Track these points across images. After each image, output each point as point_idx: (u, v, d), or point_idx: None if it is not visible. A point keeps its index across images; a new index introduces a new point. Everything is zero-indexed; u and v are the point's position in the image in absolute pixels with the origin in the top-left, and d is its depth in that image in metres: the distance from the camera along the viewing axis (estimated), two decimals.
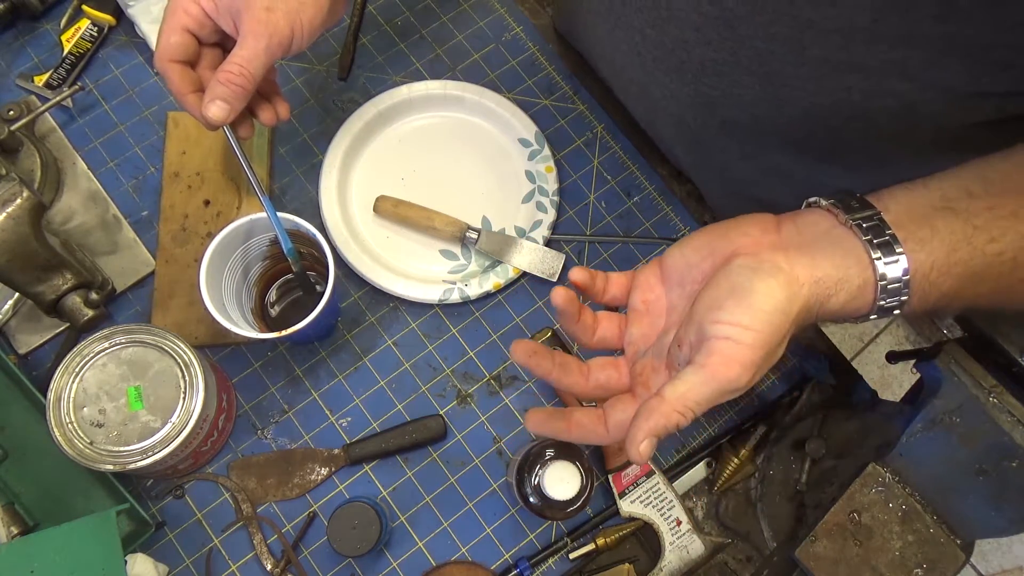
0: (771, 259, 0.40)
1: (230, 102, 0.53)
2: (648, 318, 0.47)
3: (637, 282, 0.47)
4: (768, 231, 0.43)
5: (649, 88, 0.65)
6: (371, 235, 0.74)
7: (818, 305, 0.40)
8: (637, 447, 0.39)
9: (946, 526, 0.58)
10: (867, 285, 0.40)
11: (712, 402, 0.39)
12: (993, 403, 0.53)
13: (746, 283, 0.39)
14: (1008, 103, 0.46)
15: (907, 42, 0.44)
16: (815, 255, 0.40)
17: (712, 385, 0.38)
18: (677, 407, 0.38)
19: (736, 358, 0.38)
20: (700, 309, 0.40)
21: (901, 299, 0.41)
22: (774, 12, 0.48)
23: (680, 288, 0.45)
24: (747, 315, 0.38)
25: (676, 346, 0.42)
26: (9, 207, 0.59)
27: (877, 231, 0.41)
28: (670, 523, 0.66)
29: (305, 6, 0.54)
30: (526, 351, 0.46)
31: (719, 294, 0.40)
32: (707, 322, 0.39)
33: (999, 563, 1.52)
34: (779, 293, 0.38)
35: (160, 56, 0.54)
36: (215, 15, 0.54)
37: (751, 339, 0.38)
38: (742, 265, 0.40)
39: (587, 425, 0.45)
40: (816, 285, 0.39)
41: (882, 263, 0.40)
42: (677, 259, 0.45)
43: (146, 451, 0.57)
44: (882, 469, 0.60)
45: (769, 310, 0.38)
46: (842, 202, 0.43)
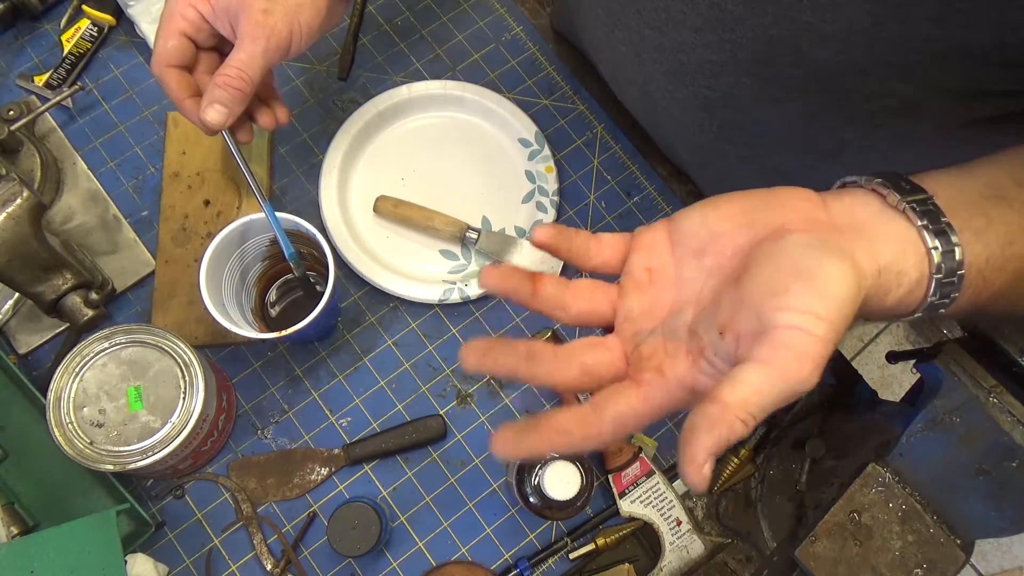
0: (835, 239, 0.35)
1: (228, 106, 0.53)
2: (651, 290, 0.39)
3: (638, 244, 0.40)
4: (818, 206, 0.37)
5: (648, 89, 0.65)
6: (371, 235, 0.74)
7: (877, 300, 0.35)
8: (700, 470, 0.31)
9: (946, 526, 0.58)
10: (923, 279, 0.36)
11: (778, 406, 0.32)
12: (993, 403, 0.53)
13: (814, 263, 0.33)
14: (1008, 102, 0.46)
15: (906, 45, 0.44)
16: (874, 240, 0.35)
17: (781, 386, 0.32)
18: (741, 414, 0.31)
19: (808, 353, 0.32)
20: (756, 291, 0.34)
21: (953, 295, 0.36)
22: (773, 14, 0.48)
23: (698, 259, 0.38)
24: (821, 302, 0.32)
25: (716, 333, 0.35)
26: (9, 207, 0.59)
27: (933, 217, 0.36)
28: (670, 523, 0.66)
29: (303, 8, 0.54)
30: (477, 352, 0.38)
31: (780, 276, 0.33)
32: (770, 308, 0.33)
33: (999, 563, 1.52)
34: (852, 279, 0.33)
35: (157, 61, 0.54)
36: (212, 19, 0.54)
37: (824, 331, 0.32)
38: (803, 243, 0.34)
39: (573, 430, 0.36)
40: (879, 275, 0.35)
41: (938, 253, 0.36)
42: (697, 224, 0.38)
43: (146, 451, 0.57)
44: (882, 469, 0.60)
45: (844, 297, 0.32)
46: (891, 182, 0.38)
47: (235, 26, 0.53)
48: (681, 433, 0.32)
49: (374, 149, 0.77)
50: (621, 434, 0.36)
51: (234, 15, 0.53)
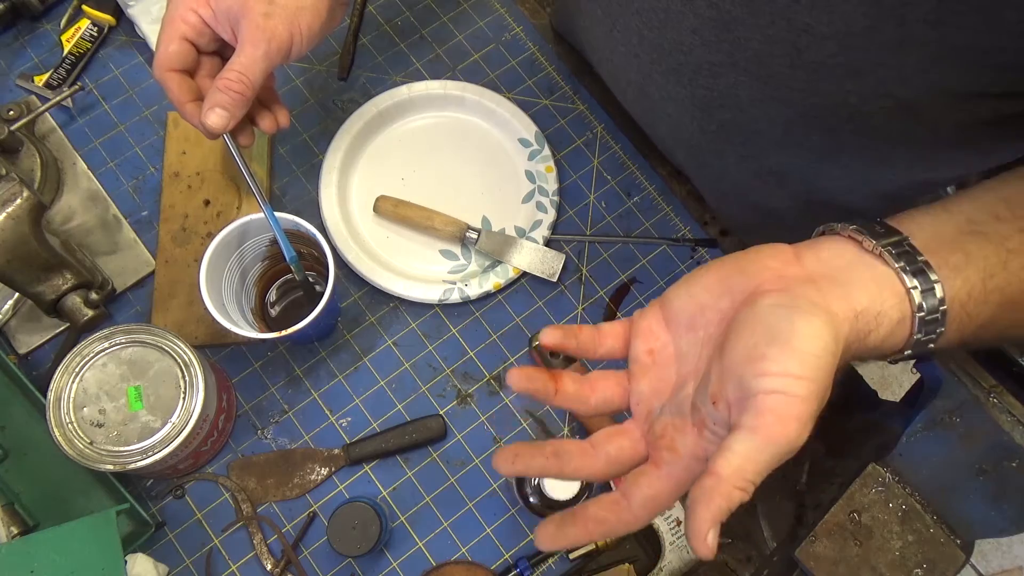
0: (805, 294, 0.36)
1: (229, 110, 0.53)
2: (656, 370, 0.41)
3: (637, 330, 0.42)
4: (789, 262, 0.39)
5: (647, 89, 0.65)
6: (371, 235, 0.74)
7: (857, 343, 0.36)
8: (704, 541, 0.32)
9: (946, 526, 0.58)
10: (905, 319, 0.37)
11: (772, 468, 0.34)
12: (993, 403, 0.53)
13: (785, 325, 0.34)
14: (1004, 104, 0.46)
15: (902, 47, 0.44)
16: (849, 287, 0.37)
17: (770, 450, 0.33)
18: (737, 483, 0.33)
19: (791, 414, 0.33)
20: (736, 359, 0.35)
21: (938, 331, 0.37)
22: (771, 15, 0.48)
23: (691, 333, 0.40)
24: (796, 362, 0.33)
25: (710, 403, 0.37)
26: (9, 207, 0.59)
27: (909, 258, 0.37)
28: (670, 523, 0.66)
29: (303, 11, 0.54)
30: (508, 457, 0.40)
31: (756, 341, 0.35)
32: (749, 376, 0.34)
33: (999, 563, 1.52)
34: (825, 333, 0.34)
35: (158, 65, 0.54)
36: (214, 23, 0.53)
37: (805, 390, 0.33)
38: (775, 304, 0.36)
39: (609, 519, 0.37)
40: (856, 320, 0.36)
41: (918, 292, 0.37)
42: (684, 300, 0.40)
43: (146, 451, 0.57)
44: (882, 469, 0.60)
45: (818, 353, 0.34)
46: (865, 227, 0.39)
47: (236, 30, 0.53)
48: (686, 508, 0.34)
49: (374, 149, 0.77)
50: (654, 515, 0.38)
51: (235, 19, 0.52)
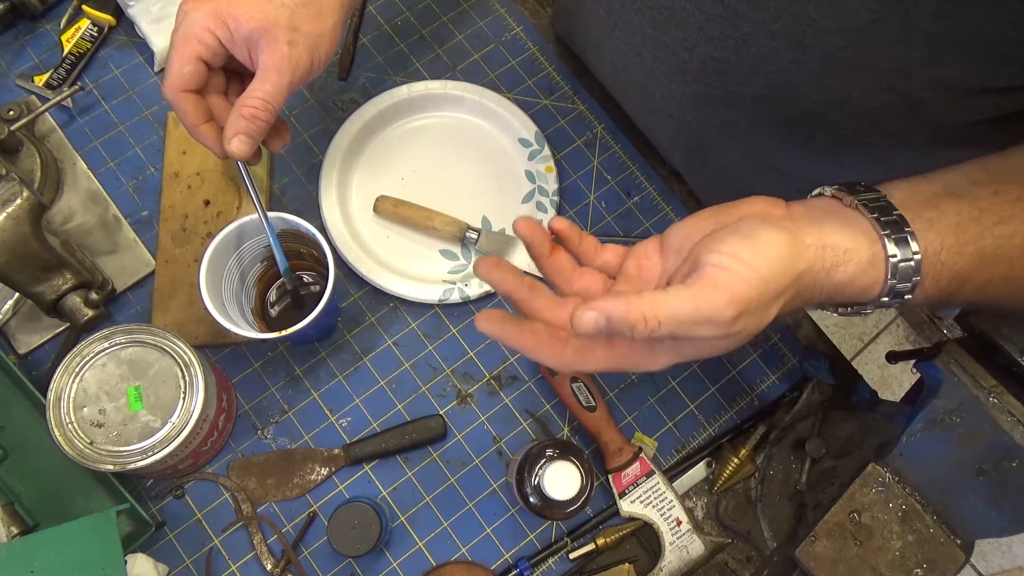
0: (780, 220, 0.39)
1: (253, 136, 0.53)
2: (639, 281, 0.45)
3: (633, 251, 0.45)
4: (776, 205, 0.43)
5: (649, 89, 0.65)
6: (371, 235, 0.74)
7: (824, 273, 0.39)
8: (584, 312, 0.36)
9: (946, 526, 0.58)
10: (877, 260, 0.40)
11: (684, 325, 0.36)
12: (993, 403, 0.53)
13: (753, 229, 0.38)
14: (1007, 99, 0.46)
15: (907, 41, 0.44)
16: (823, 224, 0.40)
17: (692, 303, 0.36)
18: (645, 308, 0.35)
19: (726, 286, 0.36)
20: (699, 247, 0.39)
21: (914, 279, 0.40)
22: (776, 10, 0.48)
23: (678, 256, 0.44)
24: (748, 251, 0.37)
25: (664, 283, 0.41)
26: (9, 207, 0.59)
27: (884, 211, 0.40)
28: (670, 523, 0.66)
29: (324, 38, 0.54)
30: (490, 264, 0.44)
31: (722, 236, 0.38)
32: (703, 252, 0.38)
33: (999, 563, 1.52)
34: (784, 244, 0.37)
35: (172, 86, 0.52)
36: (230, 45, 0.53)
37: (747, 273, 0.36)
38: (750, 219, 0.40)
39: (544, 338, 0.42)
40: (823, 250, 0.39)
41: (891, 240, 0.39)
42: (678, 230, 0.44)
43: (146, 451, 0.57)
44: (882, 469, 0.60)
45: (772, 255, 0.37)
46: (847, 186, 0.43)
47: (255, 54, 0.52)
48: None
49: (374, 149, 0.77)
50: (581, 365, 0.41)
51: (255, 43, 0.52)
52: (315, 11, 0.53)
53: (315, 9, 0.53)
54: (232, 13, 0.51)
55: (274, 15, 0.51)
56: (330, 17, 0.55)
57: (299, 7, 0.53)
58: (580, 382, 0.67)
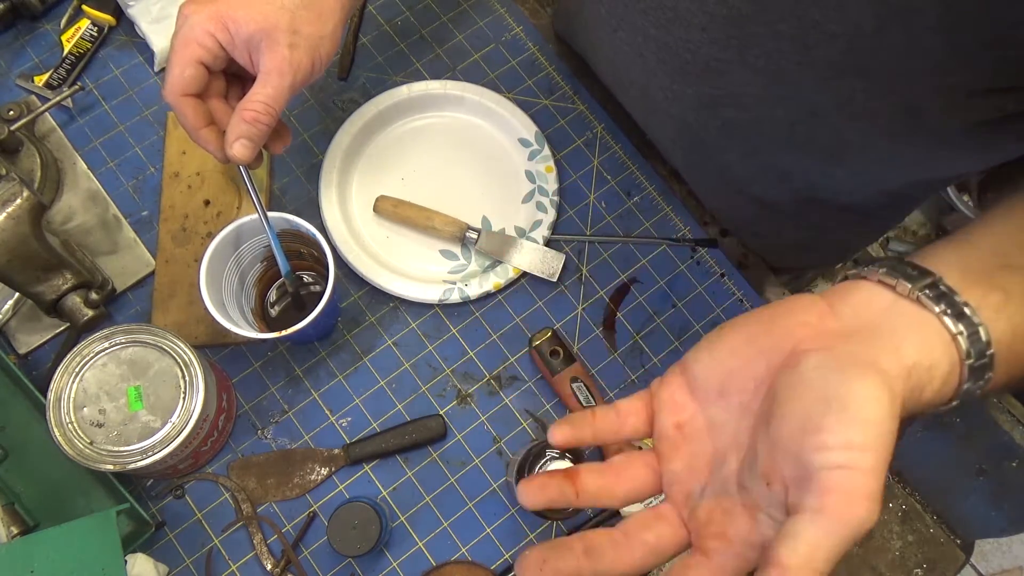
0: (851, 353, 0.33)
1: (255, 140, 0.52)
2: (687, 446, 0.38)
3: (660, 402, 0.39)
4: (824, 315, 0.36)
5: (650, 89, 0.65)
6: (371, 235, 0.74)
7: (912, 400, 0.33)
8: None
9: (946, 526, 0.58)
10: (955, 367, 0.34)
11: (843, 553, 0.30)
12: (993, 403, 0.53)
13: (839, 389, 0.31)
14: (1008, 100, 0.46)
15: (909, 50, 0.44)
16: (894, 338, 0.34)
17: (841, 533, 0.29)
18: (807, 574, 0.29)
19: (860, 491, 0.30)
20: (788, 434, 0.32)
21: (987, 377, 0.35)
22: (780, 11, 0.48)
23: (723, 400, 0.37)
24: (858, 432, 0.30)
25: (763, 484, 0.33)
26: (9, 207, 0.59)
27: (949, 301, 0.34)
28: None
29: (324, 40, 0.54)
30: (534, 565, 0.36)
31: (808, 410, 0.32)
32: (807, 451, 0.31)
33: (999, 563, 1.53)
34: (883, 394, 0.31)
35: (172, 90, 0.52)
36: (231, 48, 0.52)
37: (871, 462, 0.30)
38: (821, 366, 0.32)
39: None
40: (908, 377, 0.33)
41: (964, 338, 0.34)
42: (709, 365, 0.38)
43: (146, 451, 0.57)
44: None
45: (879, 419, 0.31)
46: (895, 270, 0.36)
47: (256, 57, 0.52)
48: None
49: (374, 149, 0.77)
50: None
51: (256, 46, 0.52)
52: (316, 13, 0.53)
53: (316, 12, 0.53)
54: (233, 16, 0.51)
55: (275, 18, 0.51)
56: (330, 19, 0.55)
57: (300, 9, 0.52)
58: (580, 382, 0.67)
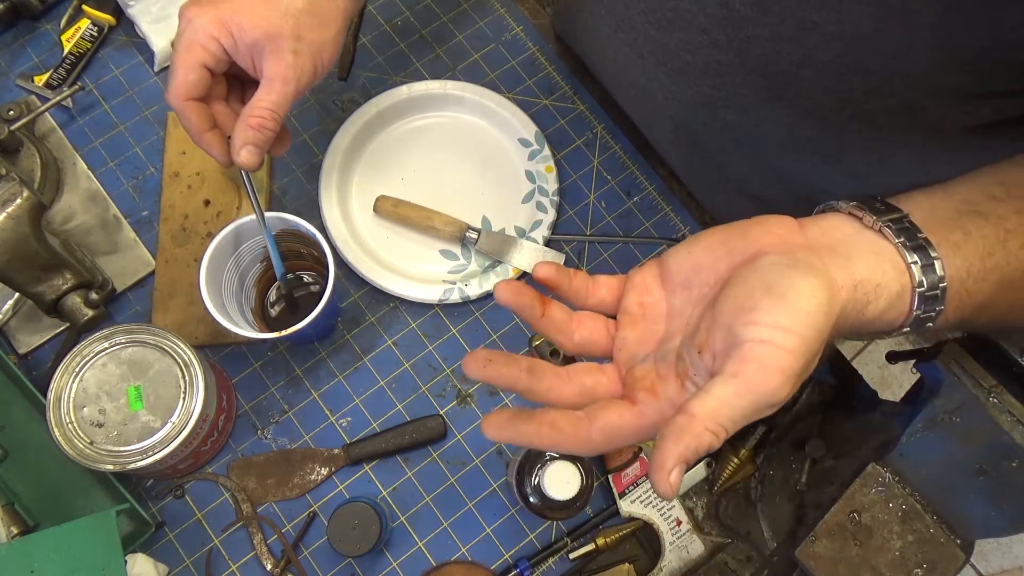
0: (806, 258, 0.36)
1: (261, 146, 0.53)
2: (644, 323, 0.41)
3: (632, 284, 0.42)
4: (793, 231, 0.39)
5: (650, 90, 0.65)
6: (371, 235, 0.74)
7: (856, 312, 0.37)
8: (667, 476, 0.32)
9: (946, 526, 0.58)
10: (904, 292, 0.37)
11: (748, 418, 0.33)
12: (993, 403, 0.53)
13: (784, 281, 0.34)
14: (1006, 104, 0.46)
15: (909, 50, 0.44)
16: (849, 258, 0.37)
17: (748, 398, 0.33)
18: (709, 425, 0.32)
19: (776, 365, 0.33)
20: (727, 309, 0.35)
21: (938, 309, 0.38)
22: (780, 13, 0.48)
23: (686, 291, 0.40)
24: (788, 316, 0.33)
25: (695, 352, 0.37)
26: (9, 207, 0.59)
27: (909, 234, 0.38)
28: (670, 523, 0.66)
29: (326, 46, 0.54)
30: (479, 361, 0.39)
31: (751, 293, 0.35)
32: (739, 324, 0.34)
33: (999, 563, 1.52)
34: (821, 293, 0.34)
35: (176, 94, 0.52)
36: (234, 53, 0.52)
37: (793, 344, 0.33)
38: (775, 262, 0.36)
39: (565, 429, 0.37)
40: (854, 290, 0.36)
41: (918, 268, 0.37)
42: (683, 260, 0.40)
43: (146, 451, 0.57)
44: (882, 469, 0.60)
45: (812, 311, 0.33)
46: (866, 204, 0.40)
47: (259, 62, 0.52)
48: (654, 443, 0.34)
49: (374, 149, 0.77)
50: (609, 446, 0.38)
51: (259, 51, 0.52)
52: (318, 19, 0.53)
53: (318, 17, 0.53)
54: (237, 21, 0.51)
55: (279, 24, 0.51)
56: (333, 25, 0.55)
57: (303, 15, 0.52)
58: None
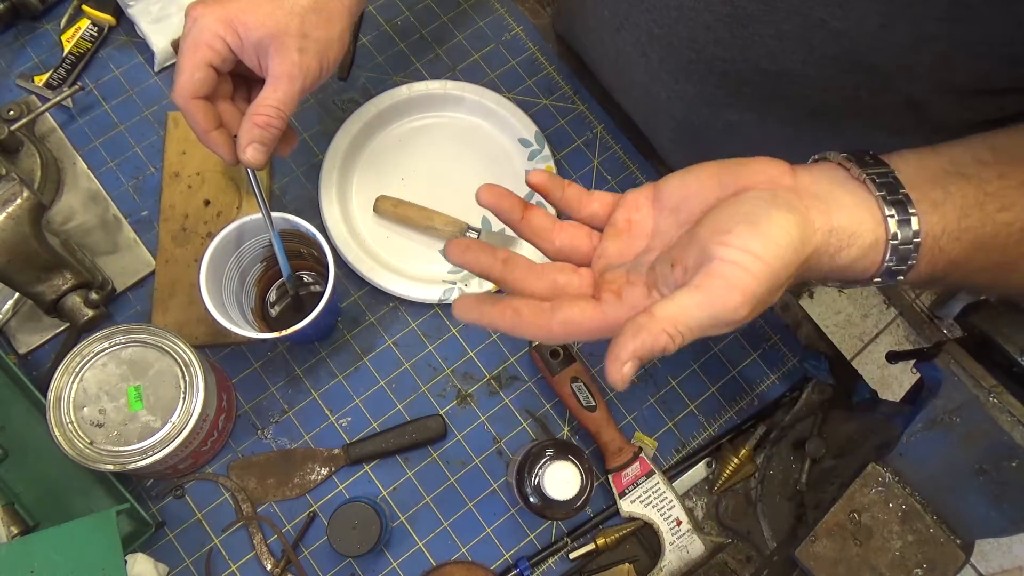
0: (788, 197, 0.38)
1: (267, 145, 0.53)
2: (627, 237, 0.43)
3: (624, 201, 0.43)
4: (784, 173, 0.41)
5: (653, 89, 0.65)
6: (371, 235, 0.74)
7: (828, 257, 0.38)
8: (620, 367, 0.34)
9: (946, 526, 0.58)
10: (878, 243, 0.39)
11: (704, 330, 0.35)
12: (993, 403, 0.53)
13: (761, 212, 0.36)
14: (1009, 100, 0.46)
15: (915, 46, 0.44)
16: (830, 203, 0.39)
17: (708, 310, 0.35)
18: (667, 327, 0.34)
19: (739, 285, 0.35)
20: (704, 231, 0.37)
21: (909, 263, 0.39)
22: (786, 11, 0.48)
23: (673, 215, 0.42)
24: (759, 243, 0.35)
25: (668, 265, 0.39)
26: (9, 207, 0.59)
27: (891, 188, 0.39)
28: (670, 523, 0.66)
29: (332, 44, 0.54)
30: (459, 247, 0.41)
31: (730, 218, 0.37)
32: (712, 243, 0.36)
33: (999, 563, 1.52)
34: (795, 229, 0.36)
35: (183, 93, 0.52)
36: (239, 51, 0.53)
37: (759, 269, 0.35)
38: (757, 196, 0.38)
39: (526, 315, 0.39)
40: (829, 234, 0.38)
41: (894, 221, 0.39)
42: (675, 185, 0.42)
43: (146, 451, 0.57)
44: (882, 469, 0.60)
45: (783, 244, 0.36)
46: (855, 156, 0.41)
47: (265, 61, 0.52)
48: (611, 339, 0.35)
49: (374, 149, 0.77)
50: (568, 337, 0.39)
51: (264, 50, 0.52)
52: (324, 17, 0.53)
53: (324, 16, 0.53)
54: (242, 20, 0.51)
55: (284, 22, 0.51)
56: (338, 23, 0.55)
57: (309, 13, 0.52)
58: (580, 382, 0.67)
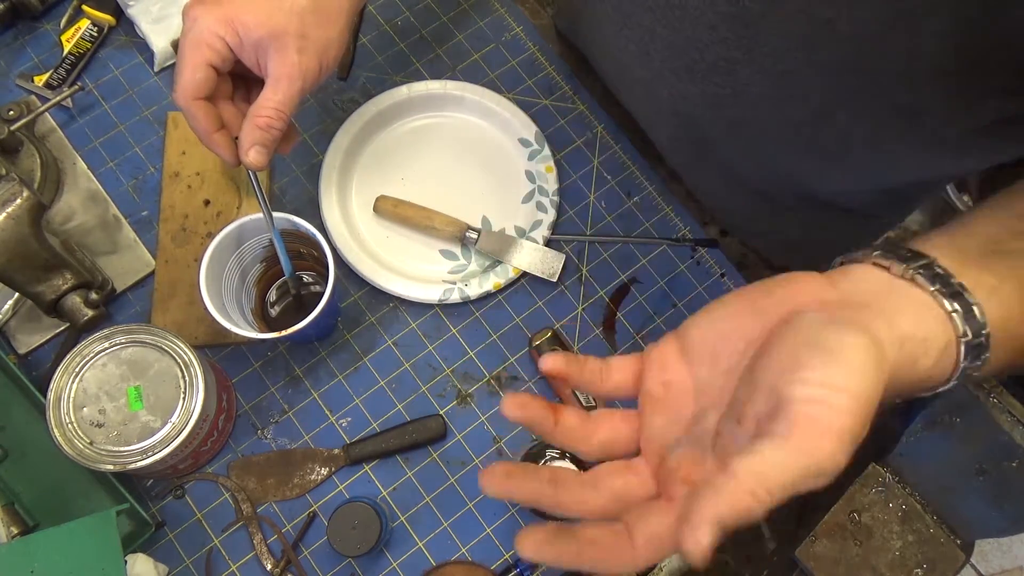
0: (846, 313, 0.33)
1: (269, 146, 0.52)
2: (670, 403, 0.37)
3: (649, 361, 0.37)
4: (824, 287, 0.36)
5: (655, 88, 0.65)
6: (371, 235, 0.74)
7: (908, 369, 0.34)
8: (695, 534, 0.27)
9: (946, 526, 0.58)
10: (950, 345, 0.35)
11: (796, 487, 0.29)
12: (993, 403, 0.53)
13: (830, 337, 0.31)
14: (1008, 104, 0.46)
15: (917, 50, 0.44)
16: (887, 311, 0.34)
17: (800, 462, 0.29)
18: (752, 487, 0.28)
19: (830, 427, 0.29)
20: (767, 373, 0.32)
21: (983, 357, 0.35)
22: (792, 10, 0.48)
23: (713, 364, 0.36)
24: (840, 373, 0.30)
25: (735, 424, 0.33)
26: (9, 207, 0.59)
27: (943, 281, 0.35)
28: None
29: (331, 44, 0.54)
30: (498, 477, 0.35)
31: (795, 351, 0.31)
32: (784, 384, 0.30)
33: (999, 563, 1.52)
34: (872, 350, 0.31)
35: (184, 94, 0.52)
36: (239, 51, 0.52)
37: (847, 403, 0.29)
38: (814, 319, 0.32)
39: (606, 545, 0.32)
40: (902, 345, 0.33)
41: (960, 317, 0.34)
42: (706, 329, 0.37)
43: (146, 451, 0.57)
44: (882, 469, 0.60)
45: (865, 369, 0.30)
46: (889, 251, 0.37)
47: (264, 61, 0.52)
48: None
49: (374, 149, 0.77)
50: (659, 557, 0.32)
51: (264, 50, 0.52)
52: (323, 17, 0.53)
53: (323, 15, 0.53)
54: (241, 20, 0.51)
55: (284, 23, 0.51)
56: (338, 23, 0.55)
57: (308, 14, 0.52)
58: None
